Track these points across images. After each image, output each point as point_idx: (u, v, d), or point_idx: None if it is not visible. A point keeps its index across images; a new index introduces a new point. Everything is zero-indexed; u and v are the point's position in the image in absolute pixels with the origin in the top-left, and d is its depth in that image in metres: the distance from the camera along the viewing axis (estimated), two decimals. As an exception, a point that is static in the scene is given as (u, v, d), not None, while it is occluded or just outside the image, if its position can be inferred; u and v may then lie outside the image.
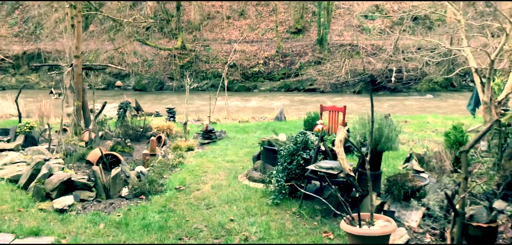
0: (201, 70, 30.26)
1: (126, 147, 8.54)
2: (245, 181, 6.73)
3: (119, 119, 11.12)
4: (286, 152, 5.73)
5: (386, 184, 5.33)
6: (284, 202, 5.69)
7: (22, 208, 5.55)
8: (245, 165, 7.82)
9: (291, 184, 5.69)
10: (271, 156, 6.49)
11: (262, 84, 29.98)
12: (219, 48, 31.37)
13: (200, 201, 5.92)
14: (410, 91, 27.17)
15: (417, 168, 6.57)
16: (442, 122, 12.93)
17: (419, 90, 27.20)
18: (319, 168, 5.15)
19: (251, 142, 10.28)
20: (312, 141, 5.77)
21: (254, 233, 4.89)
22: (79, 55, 11.21)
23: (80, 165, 7.87)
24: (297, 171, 5.62)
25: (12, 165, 6.94)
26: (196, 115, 16.04)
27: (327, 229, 4.95)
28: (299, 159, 5.58)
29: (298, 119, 14.89)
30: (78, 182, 5.99)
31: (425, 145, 9.60)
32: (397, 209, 5.12)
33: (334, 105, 6.87)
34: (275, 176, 5.75)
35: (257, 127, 12.77)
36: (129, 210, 5.61)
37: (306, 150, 5.65)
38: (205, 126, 10.30)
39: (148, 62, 31.10)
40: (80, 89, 11.31)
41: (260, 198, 5.93)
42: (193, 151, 9.17)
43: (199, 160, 8.26)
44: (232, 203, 5.79)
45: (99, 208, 5.69)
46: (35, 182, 5.92)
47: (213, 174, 7.25)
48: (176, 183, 6.62)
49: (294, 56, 30.81)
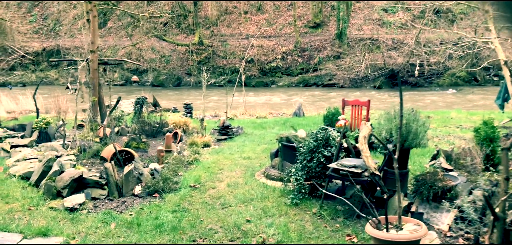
0: (218, 66, 30.09)
1: (141, 143, 8.35)
2: (263, 179, 6.43)
3: (135, 115, 10.97)
4: (306, 149, 5.40)
5: (414, 184, 4.97)
6: (304, 202, 5.37)
7: (32, 207, 5.38)
8: (263, 162, 7.53)
9: (311, 183, 5.37)
10: (289, 153, 6.18)
11: (280, 80, 29.65)
12: (236, 44, 31.13)
13: (216, 200, 5.65)
14: (432, 86, 26.50)
15: (446, 166, 6.16)
16: (466, 117, 12.42)
17: (441, 85, 26.50)
18: (341, 166, 4.82)
19: (268, 138, 9.99)
20: (334, 137, 5.42)
21: (272, 235, 4.59)
22: (94, 50, 11.08)
23: (94, 161, 7.70)
24: (318, 169, 5.30)
25: (25, 162, 6.79)
26: (213, 111, 15.83)
27: (350, 232, 4.62)
28: (320, 157, 5.24)
29: (317, 115, 14.52)
30: (89, 180, 5.79)
31: (451, 141, 9.16)
32: (425, 210, 4.76)
33: (357, 99, 6.49)
34: (294, 174, 5.42)
35: (275, 123, 12.46)
36: (141, 209, 5.38)
37: (327, 147, 5.31)
38: (221, 122, 10.04)
39: (165, 58, 31.09)
40: (96, 85, 11.18)
41: (278, 197, 5.63)
42: (209, 147, 8.93)
43: (215, 156, 8.01)
44: (249, 203, 5.51)
45: (111, 207, 5.48)
46: (46, 179, 5.74)
47: (229, 171, 6.98)
48: (191, 180, 6.37)
49: (313, 51, 30.39)
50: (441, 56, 26.32)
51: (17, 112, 16.63)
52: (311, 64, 29.76)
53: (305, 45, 30.65)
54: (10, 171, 6.56)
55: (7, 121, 14.10)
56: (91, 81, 11.10)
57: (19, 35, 22.93)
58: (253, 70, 29.39)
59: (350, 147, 5.34)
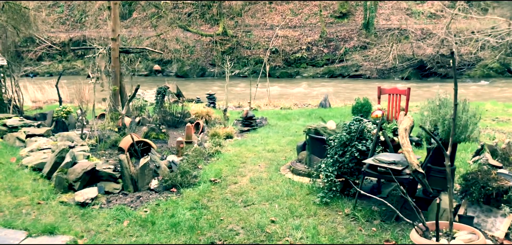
0: (242, 56, 29.65)
1: (160, 134, 7.96)
2: (288, 174, 5.92)
3: (157, 105, 10.64)
4: (338, 142, 4.85)
5: (462, 183, 4.36)
6: (335, 201, 4.83)
7: (41, 201, 5.03)
8: (288, 156, 7.02)
9: (343, 179, 4.82)
10: (318, 146, 5.65)
11: (305, 71, 29.01)
12: (260, 34, 30.61)
13: (237, 197, 5.17)
14: (463, 77, 25.42)
15: (493, 162, 5.52)
16: (503, 110, 11.60)
17: (473, 77, 25.42)
18: (379, 162, 4.26)
19: (293, 129, 9.48)
20: (369, 130, 4.85)
21: (300, 238, 4.09)
22: (116, 37, 10.75)
23: (112, 152, 7.37)
24: (351, 164, 4.74)
25: (38, 152, 6.47)
26: (236, 102, 15.38)
27: (389, 237, 4.07)
28: (354, 151, 4.69)
29: (344, 106, 13.89)
30: (103, 172, 5.40)
31: (491, 134, 8.45)
32: (476, 214, 4.16)
33: (395, 87, 5.84)
34: (324, 170, 4.87)
35: (300, 114, 11.93)
36: (157, 205, 4.96)
37: (362, 140, 4.75)
38: (245, 112, 9.58)
39: (190, 49, 30.84)
40: (117, 73, 10.87)
41: (306, 195, 5.10)
42: (232, 138, 8.48)
43: (237, 148, 7.54)
44: (274, 201, 5.00)
45: (125, 202, 5.08)
46: (57, 171, 5.38)
47: (253, 164, 6.49)
48: (212, 174, 5.91)
49: (339, 41, 29.63)
50: (473, 46, 25.24)
51: (42, 101, 16.64)
52: (337, 55, 29.03)
53: (331, 35, 29.92)
54: (23, 161, 6.24)
55: (31, 110, 14.07)
56: (112, 70, 10.80)
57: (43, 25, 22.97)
58: (277, 61, 28.83)
59: (388, 141, 4.75)
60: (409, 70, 26.41)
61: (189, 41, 31.06)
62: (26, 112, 12.85)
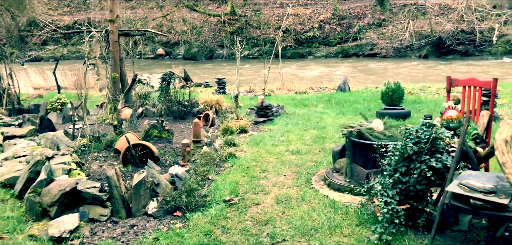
0: (252, 37, 28.35)
1: (163, 132, 6.75)
2: (324, 189, 4.62)
3: (161, 93, 9.43)
4: (399, 155, 3.51)
5: None
6: (399, 239, 3.47)
7: (5, 234, 3.82)
8: (317, 159, 5.76)
9: (408, 206, 3.51)
10: (363, 154, 4.38)
11: (317, 50, 27.67)
12: (270, 13, 29.21)
13: (261, 227, 3.86)
14: (484, 54, 23.90)
15: None
16: None
17: (494, 53, 23.92)
18: (470, 191, 2.96)
19: (314, 119, 8.30)
20: (441, 138, 3.51)
21: None
22: (114, 19, 9.58)
23: (107, 154, 6.26)
24: (420, 186, 3.44)
25: (14, 161, 5.24)
26: (247, 86, 14.17)
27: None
28: (425, 168, 3.37)
29: (365, 89, 12.60)
30: (87, 193, 4.15)
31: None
32: None
33: (474, 77, 4.27)
34: (381, 193, 3.56)
35: (317, 100, 10.71)
36: (156, 239, 3.73)
37: (435, 153, 3.43)
38: (260, 101, 8.36)
39: (197, 30, 29.56)
40: (117, 59, 9.72)
41: (356, 226, 3.72)
42: (246, 133, 7.31)
43: (255, 149, 6.31)
44: (311, 236, 3.63)
45: (114, 235, 3.83)
46: (29, 192, 4.17)
47: (276, 174, 5.24)
48: (226, 190, 4.64)
49: (352, 19, 28.22)
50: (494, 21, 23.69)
51: (45, 88, 15.59)
52: (350, 33, 27.68)
53: (344, 13, 28.53)
54: (-7, 175, 5.04)
55: (32, 98, 13.04)
56: (112, 55, 9.58)
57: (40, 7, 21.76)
58: (288, 40, 27.50)
59: (470, 153, 3.42)
60: (427, 48, 25.04)
61: (196, 21, 29.76)
62: (26, 100, 11.77)
